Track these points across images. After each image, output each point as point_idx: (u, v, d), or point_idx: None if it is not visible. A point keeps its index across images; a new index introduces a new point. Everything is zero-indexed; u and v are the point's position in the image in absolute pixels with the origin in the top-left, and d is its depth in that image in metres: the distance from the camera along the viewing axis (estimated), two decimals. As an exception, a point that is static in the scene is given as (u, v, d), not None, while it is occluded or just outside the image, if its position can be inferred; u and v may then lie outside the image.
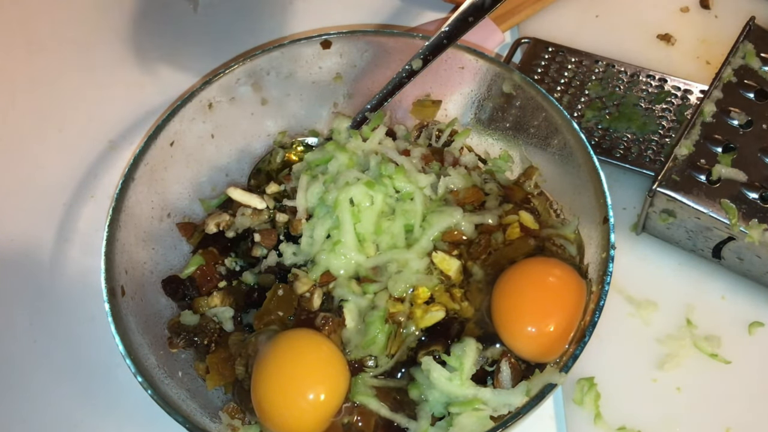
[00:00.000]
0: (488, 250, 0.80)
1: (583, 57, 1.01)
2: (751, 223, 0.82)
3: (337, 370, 0.74)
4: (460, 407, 0.72)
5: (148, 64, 1.13)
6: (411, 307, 0.77)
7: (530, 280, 0.77)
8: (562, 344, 0.75)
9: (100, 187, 1.03)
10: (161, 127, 0.86)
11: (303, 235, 0.82)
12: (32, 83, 1.13)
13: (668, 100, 0.97)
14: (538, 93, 0.86)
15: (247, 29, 1.13)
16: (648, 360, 0.85)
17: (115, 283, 0.78)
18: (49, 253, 0.98)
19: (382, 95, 0.91)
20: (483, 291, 0.78)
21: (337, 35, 0.92)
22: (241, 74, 0.91)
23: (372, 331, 0.76)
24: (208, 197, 0.92)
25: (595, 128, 0.97)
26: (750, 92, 0.88)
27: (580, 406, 0.83)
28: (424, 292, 0.78)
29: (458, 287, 0.79)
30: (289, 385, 0.73)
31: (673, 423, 0.82)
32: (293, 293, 0.79)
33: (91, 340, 0.92)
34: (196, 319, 0.82)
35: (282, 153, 0.93)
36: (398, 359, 0.76)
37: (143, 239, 0.85)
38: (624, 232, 0.93)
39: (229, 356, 0.80)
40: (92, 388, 0.90)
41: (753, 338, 0.86)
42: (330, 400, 0.73)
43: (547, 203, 0.87)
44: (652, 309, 0.88)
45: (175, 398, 0.76)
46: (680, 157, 0.85)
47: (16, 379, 0.91)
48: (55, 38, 1.16)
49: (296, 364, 0.74)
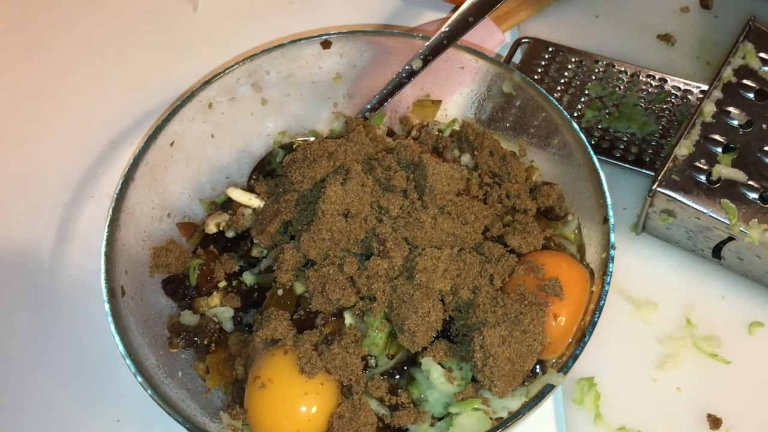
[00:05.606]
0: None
1: (583, 57, 1.01)
2: (751, 223, 0.82)
3: (327, 383, 0.74)
4: (460, 407, 0.72)
5: (149, 64, 1.13)
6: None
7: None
8: (567, 338, 0.75)
9: (100, 187, 1.03)
10: (161, 127, 0.86)
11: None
12: (32, 83, 1.13)
13: (668, 100, 0.97)
14: (538, 93, 0.86)
15: (247, 29, 1.13)
16: (648, 360, 0.85)
17: (115, 283, 0.78)
18: (49, 253, 0.98)
19: (382, 95, 0.91)
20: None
21: (337, 35, 0.92)
22: (241, 74, 0.91)
23: (372, 332, 0.76)
24: (208, 197, 0.92)
25: (595, 128, 0.97)
26: (750, 92, 0.88)
27: (580, 406, 0.83)
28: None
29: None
30: (281, 401, 0.73)
31: (673, 423, 0.82)
32: (293, 293, 0.79)
33: (91, 340, 0.92)
34: (196, 319, 0.82)
35: (282, 153, 0.93)
36: (398, 359, 0.76)
37: (143, 239, 0.85)
38: (624, 232, 0.93)
39: (229, 356, 0.80)
40: (92, 388, 0.90)
41: (753, 338, 0.86)
42: (320, 414, 0.73)
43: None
44: (652, 309, 0.88)
45: (175, 398, 0.76)
46: (680, 157, 0.85)
47: (16, 379, 0.92)
48: (56, 38, 1.16)
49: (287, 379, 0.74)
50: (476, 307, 0.73)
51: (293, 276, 0.79)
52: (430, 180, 0.78)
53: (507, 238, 0.80)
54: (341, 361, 0.73)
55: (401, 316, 0.73)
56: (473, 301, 0.74)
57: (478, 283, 0.76)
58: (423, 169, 0.79)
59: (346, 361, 0.73)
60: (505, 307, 0.73)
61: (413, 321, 0.72)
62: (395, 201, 0.78)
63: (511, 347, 0.71)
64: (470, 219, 0.79)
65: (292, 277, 0.79)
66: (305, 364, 0.73)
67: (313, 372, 0.73)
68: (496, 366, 0.70)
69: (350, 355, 0.73)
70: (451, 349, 0.74)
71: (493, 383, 0.70)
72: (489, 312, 0.73)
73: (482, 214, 0.79)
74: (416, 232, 0.77)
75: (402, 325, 0.73)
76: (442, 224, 0.77)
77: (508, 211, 0.84)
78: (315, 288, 0.76)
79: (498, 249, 0.78)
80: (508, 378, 0.71)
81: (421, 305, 0.73)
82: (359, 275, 0.75)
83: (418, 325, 0.73)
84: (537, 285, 0.75)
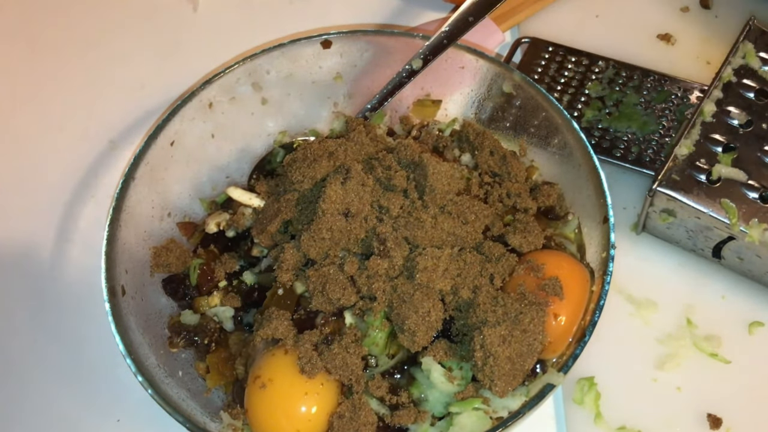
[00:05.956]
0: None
1: (583, 57, 1.02)
2: (751, 223, 0.82)
3: (327, 383, 0.74)
4: (461, 407, 0.72)
5: (148, 64, 1.13)
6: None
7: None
8: (567, 337, 0.75)
9: (100, 186, 1.03)
10: (161, 126, 0.86)
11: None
12: (33, 83, 1.13)
13: (668, 100, 0.97)
14: (538, 92, 0.86)
15: (247, 29, 1.13)
16: (648, 360, 0.85)
17: (115, 283, 0.78)
18: (49, 253, 0.98)
19: (382, 95, 0.91)
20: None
21: (337, 35, 0.92)
22: (241, 74, 0.91)
23: (372, 331, 0.76)
24: (209, 197, 0.92)
25: (595, 128, 0.97)
26: (750, 92, 0.88)
27: (580, 406, 0.84)
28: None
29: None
30: (281, 401, 0.73)
31: (673, 423, 0.82)
32: (293, 293, 0.79)
33: (91, 339, 0.92)
34: (197, 319, 0.82)
35: (282, 153, 0.93)
36: (399, 359, 0.76)
37: (144, 239, 0.85)
38: (624, 231, 0.93)
39: (230, 356, 0.80)
40: (92, 388, 0.90)
41: (753, 338, 0.86)
42: (320, 414, 0.73)
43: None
44: (652, 309, 0.88)
45: (176, 398, 0.76)
46: (680, 156, 0.85)
47: (16, 379, 0.91)
48: (56, 38, 1.16)
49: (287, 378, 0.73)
50: (476, 307, 0.73)
51: (293, 275, 0.79)
52: (430, 179, 0.78)
53: (508, 237, 0.80)
54: (341, 361, 0.73)
55: (401, 316, 0.73)
56: (473, 301, 0.74)
57: (479, 282, 0.76)
58: (423, 168, 0.79)
59: (346, 361, 0.73)
60: (505, 306, 0.73)
61: (413, 321, 0.72)
62: (396, 200, 0.78)
63: (512, 347, 0.71)
64: (470, 218, 0.79)
65: (292, 277, 0.79)
66: (305, 364, 0.73)
67: (313, 372, 0.73)
68: (497, 365, 0.70)
69: (350, 355, 0.73)
70: (451, 349, 0.74)
71: (493, 383, 0.70)
72: (489, 311, 0.73)
73: (483, 214, 0.79)
74: (417, 232, 0.77)
75: (402, 324, 0.73)
76: (443, 224, 0.77)
77: (508, 211, 0.84)
78: (315, 287, 0.76)
79: (498, 248, 0.78)
80: (508, 377, 0.71)
81: (422, 305, 0.73)
82: (359, 275, 0.75)
83: (418, 325, 0.73)
84: (537, 284, 0.75)
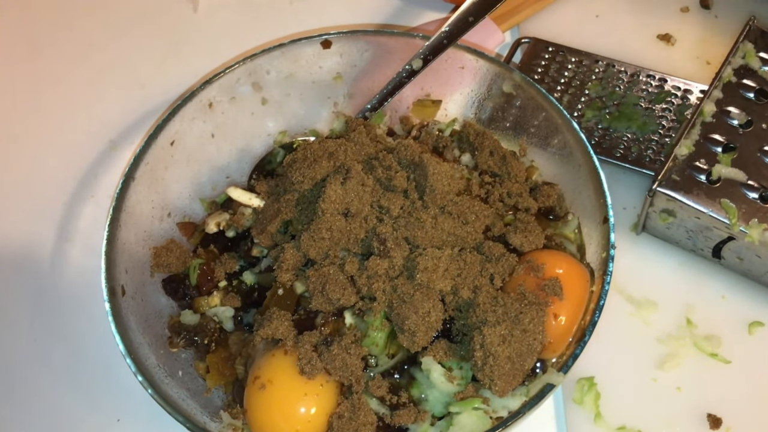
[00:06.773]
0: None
1: (583, 57, 1.02)
2: (751, 223, 0.82)
3: (327, 384, 0.74)
4: (461, 406, 0.72)
5: (148, 64, 1.13)
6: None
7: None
8: (567, 337, 0.75)
9: (100, 186, 1.03)
10: (161, 126, 0.86)
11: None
12: (33, 83, 1.13)
13: (668, 100, 0.97)
14: (538, 93, 0.86)
15: (247, 29, 1.13)
16: (648, 360, 0.85)
17: (115, 283, 0.78)
18: (49, 253, 0.98)
19: (382, 95, 0.91)
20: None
21: (337, 35, 0.92)
22: (241, 74, 0.91)
23: (372, 332, 0.76)
24: (209, 197, 0.92)
25: (595, 128, 0.97)
26: (750, 92, 0.88)
27: (580, 406, 0.84)
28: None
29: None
30: (280, 402, 0.73)
31: (673, 423, 0.82)
32: (293, 293, 0.79)
33: (91, 339, 0.92)
34: (197, 319, 0.82)
35: (282, 153, 0.93)
36: (398, 359, 0.76)
37: (143, 239, 0.85)
38: (624, 231, 0.93)
39: (230, 356, 0.80)
40: (92, 387, 0.90)
41: (753, 338, 0.86)
42: (319, 415, 0.73)
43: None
44: (652, 309, 0.88)
45: (176, 397, 0.76)
46: (680, 157, 0.85)
47: (16, 379, 0.91)
48: (56, 39, 1.16)
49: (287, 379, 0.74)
50: (476, 307, 0.73)
51: (293, 275, 0.79)
52: (430, 180, 0.78)
53: (509, 236, 0.80)
54: (341, 362, 0.73)
55: (401, 316, 0.73)
56: (473, 301, 0.74)
57: (479, 282, 0.76)
58: (423, 168, 0.79)
59: (346, 362, 0.73)
60: (505, 306, 0.73)
61: (413, 321, 0.72)
62: (396, 201, 0.78)
63: (512, 346, 0.71)
64: (471, 219, 0.79)
65: (292, 277, 0.79)
66: (305, 366, 0.73)
67: (313, 373, 0.73)
68: (497, 365, 0.70)
69: (350, 356, 0.73)
70: (451, 349, 0.74)
71: (493, 382, 0.70)
72: (489, 311, 0.73)
73: (483, 214, 0.79)
74: (417, 232, 0.77)
75: (402, 324, 0.73)
76: (443, 224, 0.77)
77: (509, 210, 0.84)
78: (315, 287, 0.76)
79: (498, 248, 0.78)
80: (508, 377, 0.71)
81: (422, 305, 0.73)
82: (359, 275, 0.75)
83: (418, 325, 0.73)
84: (537, 284, 0.75)
